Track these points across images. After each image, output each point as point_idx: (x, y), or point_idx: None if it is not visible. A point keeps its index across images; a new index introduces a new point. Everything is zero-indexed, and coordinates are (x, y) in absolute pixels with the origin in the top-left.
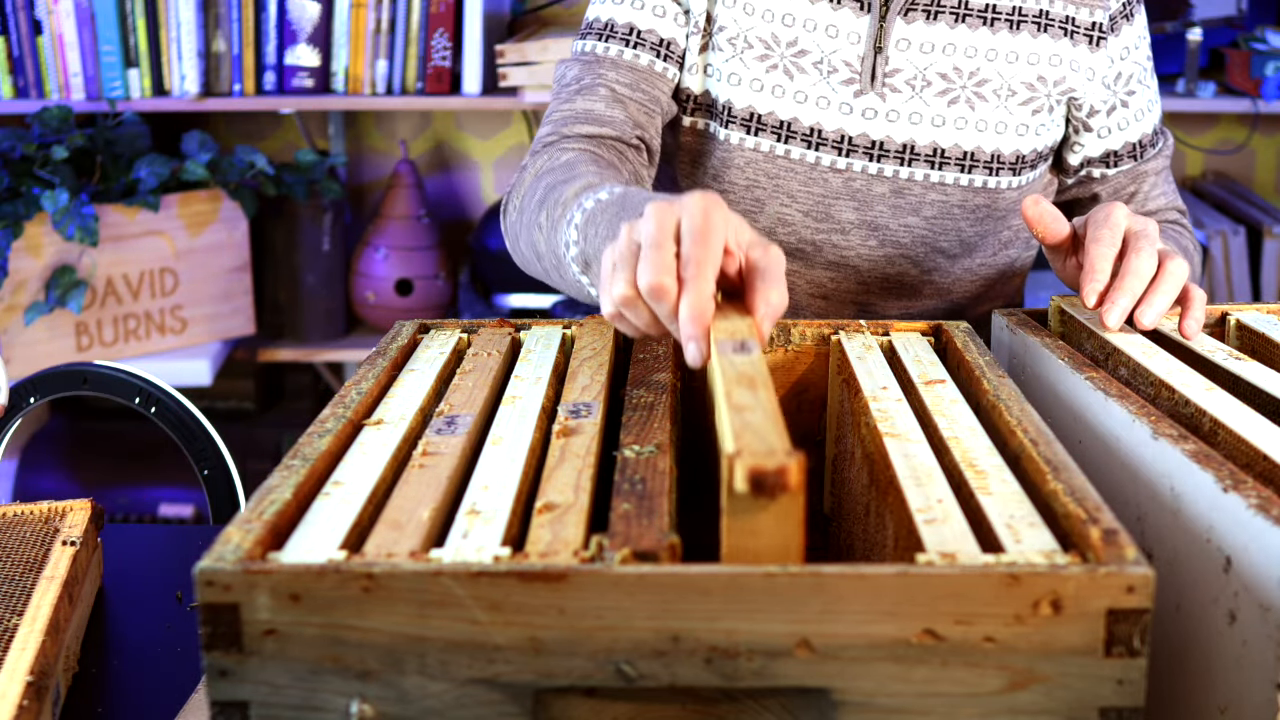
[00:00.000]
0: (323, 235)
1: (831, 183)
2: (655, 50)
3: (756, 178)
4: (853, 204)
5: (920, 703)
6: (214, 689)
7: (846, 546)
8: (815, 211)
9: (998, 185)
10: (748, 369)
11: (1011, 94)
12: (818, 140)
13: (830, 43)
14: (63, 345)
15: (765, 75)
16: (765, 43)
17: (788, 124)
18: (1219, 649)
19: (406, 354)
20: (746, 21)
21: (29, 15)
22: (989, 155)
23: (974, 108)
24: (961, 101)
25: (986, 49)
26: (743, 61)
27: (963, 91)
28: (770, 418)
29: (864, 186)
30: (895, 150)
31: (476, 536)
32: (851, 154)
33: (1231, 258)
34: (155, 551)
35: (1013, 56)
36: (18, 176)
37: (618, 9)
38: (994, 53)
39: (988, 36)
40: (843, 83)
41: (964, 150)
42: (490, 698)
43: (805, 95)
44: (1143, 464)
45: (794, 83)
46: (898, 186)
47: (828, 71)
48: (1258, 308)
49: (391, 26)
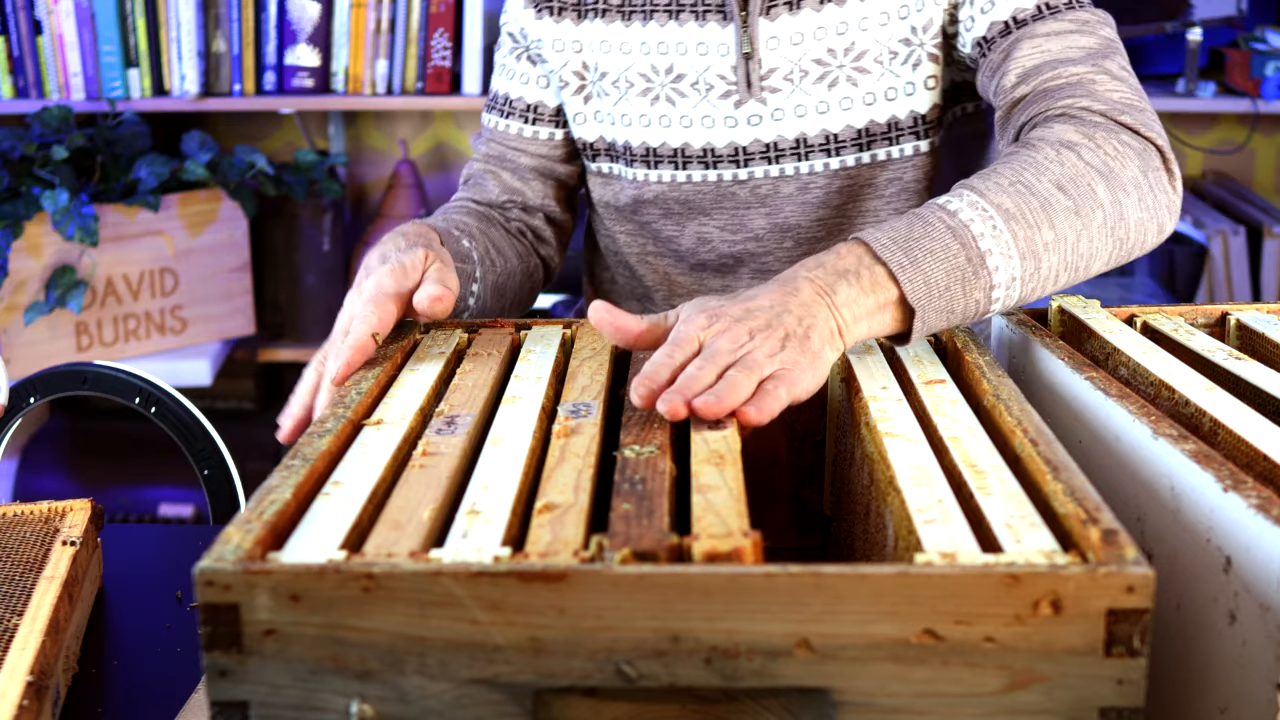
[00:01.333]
0: (323, 235)
1: (739, 194)
2: (523, 116)
3: (669, 205)
4: (763, 210)
5: (920, 703)
6: (214, 689)
7: (846, 546)
8: (730, 225)
9: (903, 154)
10: (719, 446)
11: (893, 55)
12: (714, 159)
13: (702, 60)
14: (63, 345)
15: (651, 108)
16: (645, 77)
17: (681, 150)
18: (1219, 649)
19: (406, 354)
20: (624, 61)
21: (29, 15)
22: (885, 125)
23: (857, 84)
24: (843, 81)
25: (858, 19)
26: (629, 101)
27: (840, 71)
28: (733, 497)
29: (771, 190)
30: (790, 148)
31: (476, 536)
32: (750, 163)
33: (1231, 258)
34: (155, 551)
35: (884, 18)
36: (18, 176)
37: (499, 81)
38: (866, 20)
39: (855, 6)
40: (721, 97)
41: (856, 129)
42: (490, 698)
43: (691, 120)
44: (1143, 464)
45: (678, 109)
46: (801, 183)
47: (706, 89)
48: (1258, 308)
49: (391, 26)
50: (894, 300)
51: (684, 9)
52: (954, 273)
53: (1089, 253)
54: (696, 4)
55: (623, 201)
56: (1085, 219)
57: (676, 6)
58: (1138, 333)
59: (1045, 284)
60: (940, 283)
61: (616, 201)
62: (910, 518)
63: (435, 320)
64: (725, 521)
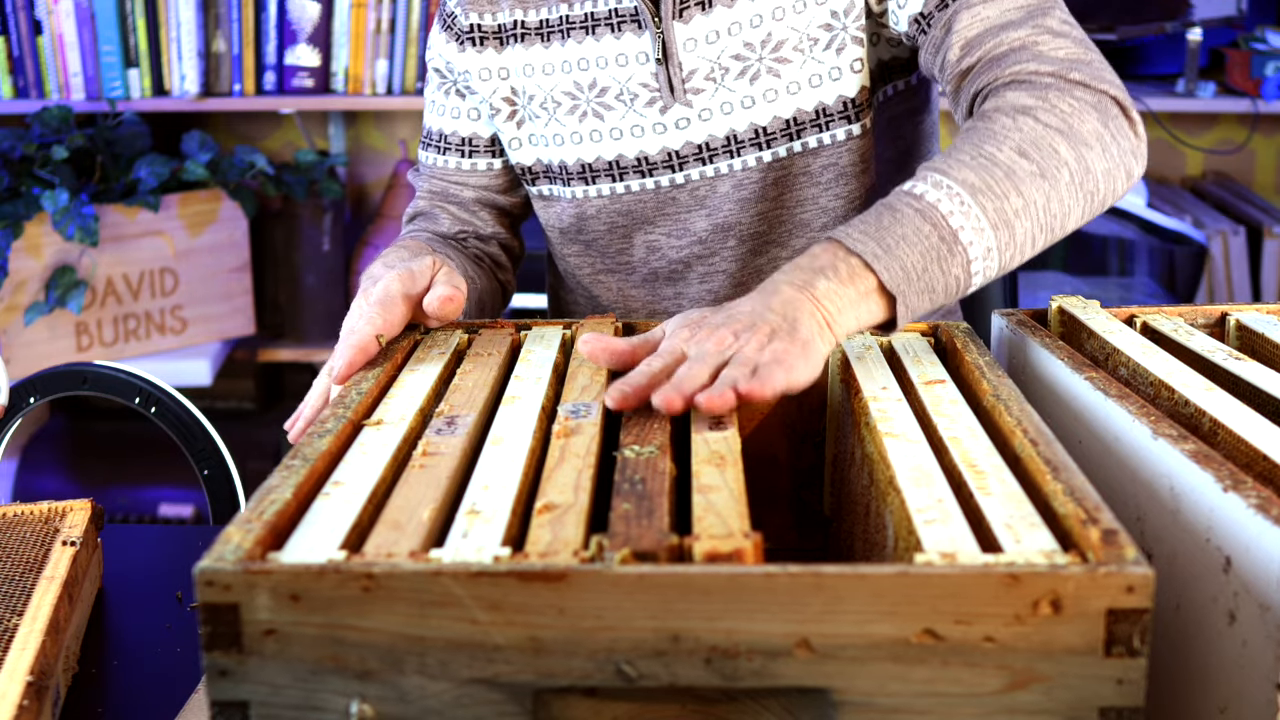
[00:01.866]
0: (323, 235)
1: (680, 198)
2: (460, 150)
3: (613, 219)
4: (703, 211)
5: (920, 702)
6: (214, 689)
7: (846, 546)
8: (675, 230)
9: (835, 139)
10: (720, 446)
11: (814, 42)
12: (649, 167)
13: (623, 71)
14: (63, 345)
15: (581, 125)
16: (570, 95)
17: (616, 162)
18: (1219, 649)
19: (406, 354)
20: (549, 82)
21: (29, 15)
22: (813, 113)
23: (779, 75)
24: (764, 74)
25: (771, 10)
26: (559, 120)
27: (760, 64)
28: (734, 498)
29: (709, 190)
30: (721, 145)
31: (476, 536)
32: (685, 166)
33: (1231, 258)
34: (155, 551)
35: (799, 5)
36: (18, 176)
37: (431, 118)
38: (780, 10)
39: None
40: (647, 105)
41: (784, 119)
42: (490, 698)
43: (621, 131)
44: (1143, 464)
45: (606, 122)
46: (737, 179)
47: (631, 99)
48: (1258, 308)
49: (391, 26)
50: (874, 288)
51: (599, 23)
52: (929, 253)
53: (1061, 212)
54: (610, 16)
55: (566, 222)
56: (1052, 180)
57: (592, 22)
58: (1137, 333)
59: (1023, 249)
60: (917, 265)
61: (561, 223)
62: (910, 518)
63: (445, 322)
64: (726, 522)
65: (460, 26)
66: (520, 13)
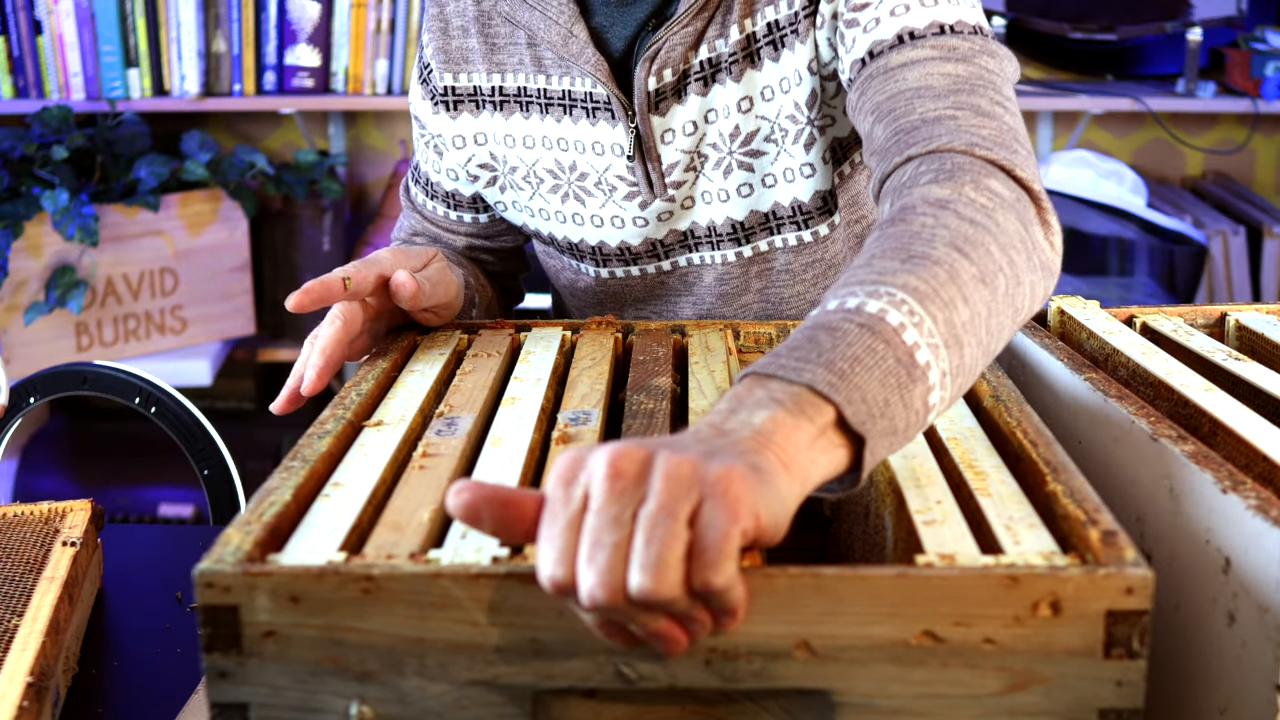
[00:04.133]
0: (323, 235)
1: (669, 283)
2: (445, 201)
3: (600, 296)
4: (690, 298)
5: (919, 704)
6: (214, 690)
7: (846, 548)
8: (665, 311)
9: (816, 235)
10: None
11: (784, 134)
12: (632, 256)
13: (600, 160)
14: (63, 345)
15: (563, 205)
16: (552, 173)
17: (598, 248)
18: (1218, 649)
19: (406, 355)
20: (530, 156)
21: (29, 15)
22: (789, 209)
23: (752, 169)
24: (736, 168)
25: (738, 100)
26: (541, 196)
27: (730, 158)
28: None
29: (695, 278)
30: (704, 235)
31: (475, 537)
32: (670, 254)
33: (1231, 258)
34: (155, 551)
35: (769, 92)
36: (18, 176)
37: (418, 151)
38: (746, 101)
39: (734, 86)
40: (625, 199)
41: (762, 213)
42: (490, 699)
43: (601, 219)
44: (1142, 464)
45: (587, 208)
46: (718, 273)
47: (609, 190)
48: (1258, 308)
49: (391, 26)
50: (831, 423)
51: (576, 104)
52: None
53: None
54: (586, 100)
55: (563, 280)
56: (991, 287)
57: (569, 102)
58: (1137, 333)
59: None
60: (877, 395)
61: (559, 279)
62: (910, 519)
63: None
64: None
65: (435, 85)
66: (498, 77)
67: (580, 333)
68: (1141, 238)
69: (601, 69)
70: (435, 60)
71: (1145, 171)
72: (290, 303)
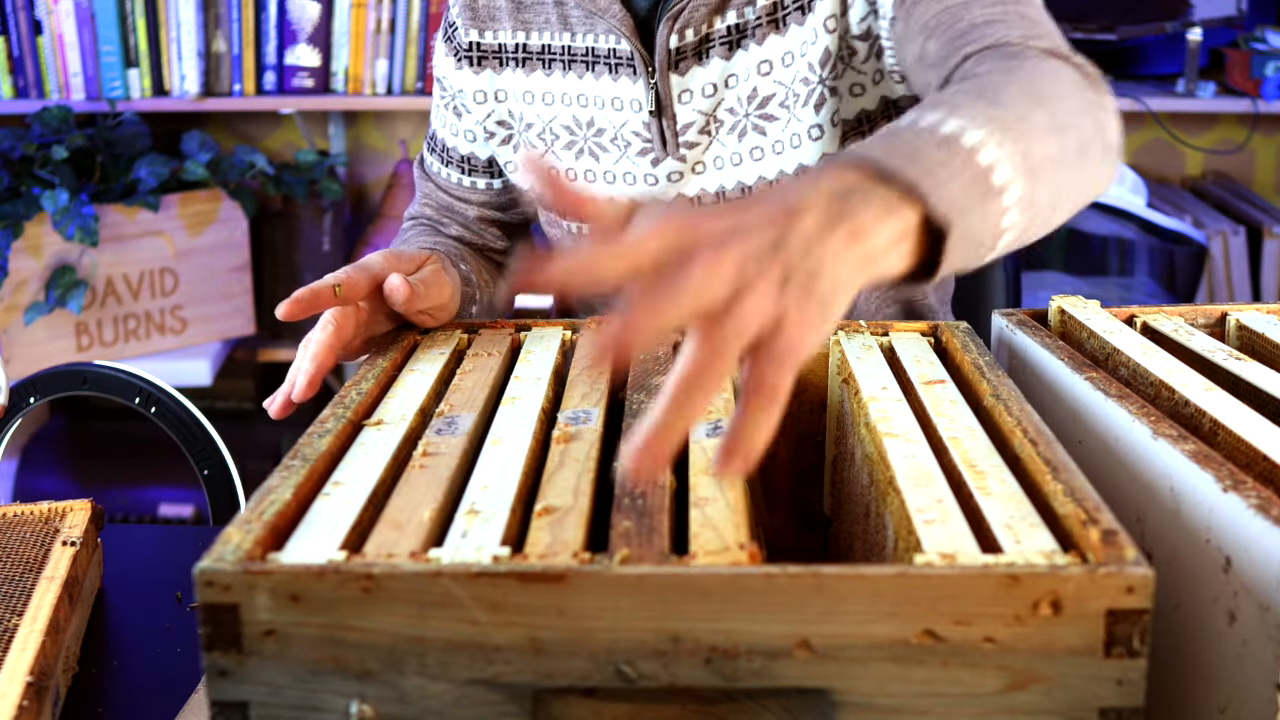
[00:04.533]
0: (323, 235)
1: None
2: (460, 167)
3: None
4: None
5: (920, 703)
6: (214, 689)
7: (846, 547)
8: None
9: None
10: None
11: (796, 98)
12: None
13: (618, 115)
14: (63, 345)
15: (576, 162)
16: (569, 129)
17: None
18: (1219, 649)
19: (406, 354)
20: (548, 113)
21: (29, 15)
22: (793, 175)
23: (765, 132)
24: (750, 131)
25: (758, 64)
26: (555, 153)
27: (746, 120)
28: (731, 509)
29: None
30: (710, 201)
31: (476, 536)
32: None
33: (1231, 258)
34: (155, 551)
35: (789, 58)
36: (18, 176)
37: (434, 120)
38: (767, 65)
39: (756, 50)
40: (639, 154)
41: (768, 180)
42: (490, 698)
43: (614, 175)
44: (1143, 464)
45: (600, 164)
46: None
47: (624, 145)
48: (1258, 308)
49: (391, 26)
50: (914, 227)
51: (598, 61)
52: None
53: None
54: (609, 56)
55: (562, 244)
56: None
57: (591, 58)
58: (1138, 333)
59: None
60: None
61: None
62: (910, 518)
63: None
64: (722, 536)
65: (459, 42)
66: (523, 35)
67: (580, 332)
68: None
69: (626, 24)
70: (461, 18)
71: (1145, 171)
72: (280, 311)
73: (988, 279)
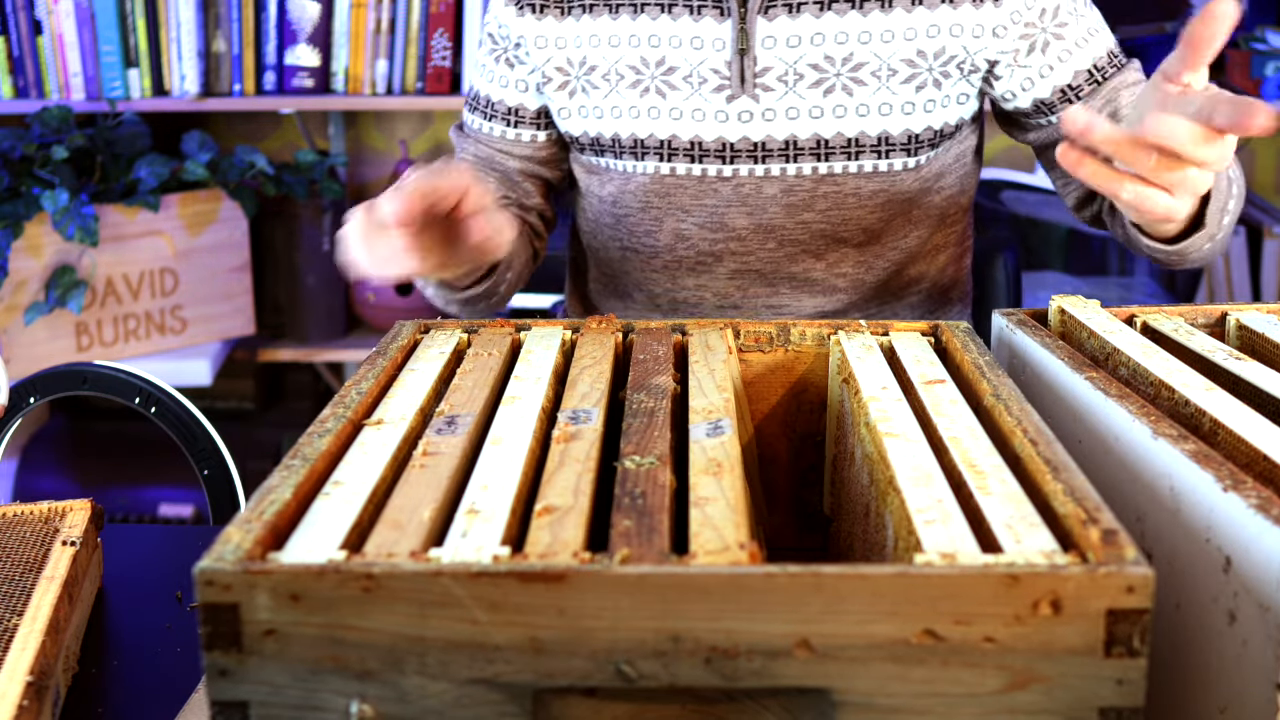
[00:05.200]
0: (323, 235)
1: (722, 192)
2: (505, 119)
3: (649, 199)
4: (744, 210)
5: (920, 703)
6: (214, 689)
7: (846, 546)
8: (710, 223)
9: (890, 168)
10: (717, 453)
11: (892, 73)
12: (700, 153)
13: (697, 54)
14: (63, 345)
15: (640, 100)
16: (635, 69)
17: (668, 142)
18: (1219, 649)
19: (407, 354)
20: (613, 54)
21: (29, 15)
22: (875, 139)
23: (852, 93)
24: (838, 89)
25: (858, 32)
26: (618, 93)
27: (837, 79)
28: (731, 508)
29: (754, 190)
30: (778, 149)
31: (476, 536)
32: (736, 160)
33: (1231, 258)
34: (155, 551)
35: (888, 35)
36: (18, 176)
37: (479, 81)
38: (867, 35)
39: (858, 19)
40: (714, 90)
41: (847, 138)
42: (490, 698)
43: (680, 111)
44: (1143, 464)
45: (668, 101)
46: (787, 185)
47: (698, 83)
48: (1258, 308)
49: (391, 26)
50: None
51: (677, 3)
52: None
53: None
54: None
55: (606, 192)
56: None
57: (669, 1)
58: (1138, 333)
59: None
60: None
61: (601, 191)
62: (910, 518)
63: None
64: (722, 535)
65: None
66: None
67: (580, 332)
68: None
69: None
70: None
71: None
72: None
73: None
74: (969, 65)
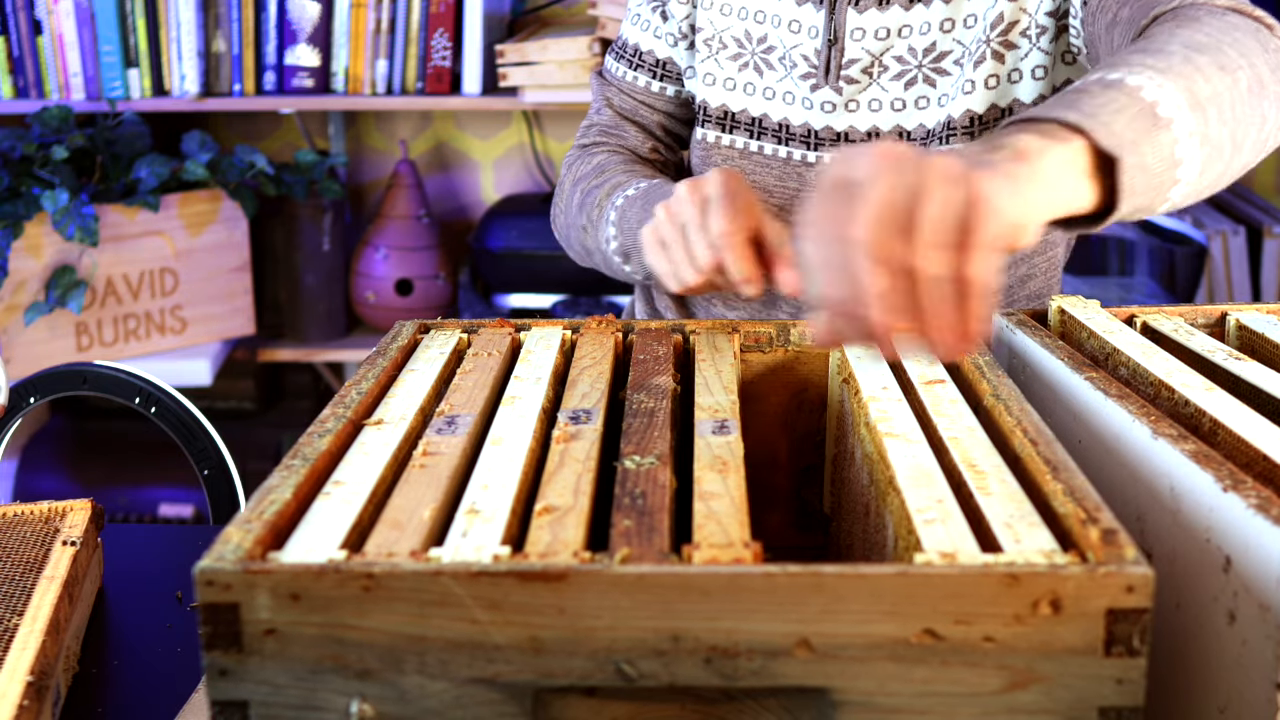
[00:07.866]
0: (323, 235)
1: (805, 176)
2: (652, 71)
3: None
4: None
5: (920, 702)
6: (214, 689)
7: (846, 546)
8: (790, 206)
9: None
10: (723, 451)
11: (968, 55)
12: (786, 135)
13: (793, 38)
14: (63, 345)
15: (738, 74)
16: (739, 41)
17: (759, 120)
18: (1219, 649)
19: (406, 354)
20: (723, 22)
21: (29, 15)
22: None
23: (935, 84)
24: (920, 81)
25: (940, 21)
26: (718, 62)
27: (919, 71)
28: (735, 506)
29: None
30: (860, 139)
31: (476, 536)
32: (820, 147)
33: (1231, 258)
34: (155, 551)
35: (970, 21)
36: (18, 176)
37: (630, 29)
38: (949, 23)
39: (940, 8)
40: (801, 77)
41: (928, 129)
42: (490, 697)
43: (773, 91)
44: (1143, 464)
45: (763, 79)
46: None
47: (790, 66)
48: (1258, 308)
49: (391, 26)
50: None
51: None
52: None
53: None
54: None
55: (689, 160)
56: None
57: None
58: (1137, 333)
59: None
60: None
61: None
62: (910, 518)
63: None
64: (727, 531)
65: None
66: None
67: (580, 332)
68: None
69: None
70: None
71: None
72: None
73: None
74: (1034, 28)
